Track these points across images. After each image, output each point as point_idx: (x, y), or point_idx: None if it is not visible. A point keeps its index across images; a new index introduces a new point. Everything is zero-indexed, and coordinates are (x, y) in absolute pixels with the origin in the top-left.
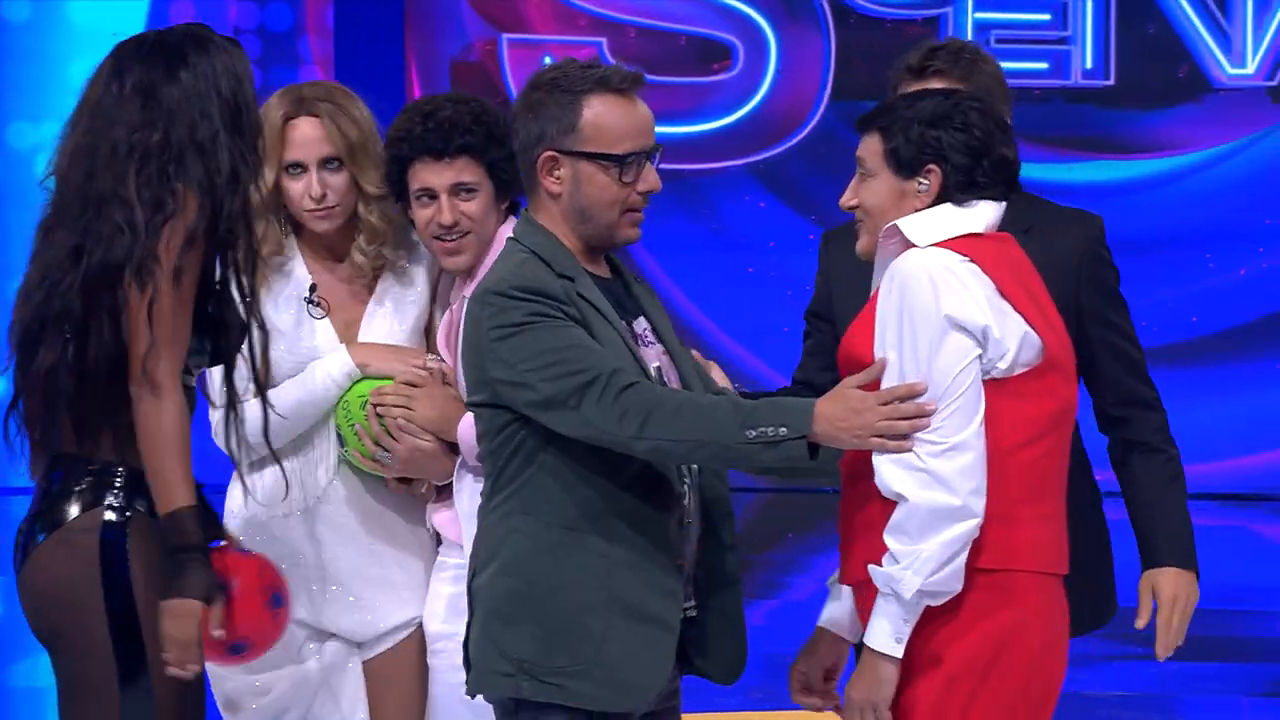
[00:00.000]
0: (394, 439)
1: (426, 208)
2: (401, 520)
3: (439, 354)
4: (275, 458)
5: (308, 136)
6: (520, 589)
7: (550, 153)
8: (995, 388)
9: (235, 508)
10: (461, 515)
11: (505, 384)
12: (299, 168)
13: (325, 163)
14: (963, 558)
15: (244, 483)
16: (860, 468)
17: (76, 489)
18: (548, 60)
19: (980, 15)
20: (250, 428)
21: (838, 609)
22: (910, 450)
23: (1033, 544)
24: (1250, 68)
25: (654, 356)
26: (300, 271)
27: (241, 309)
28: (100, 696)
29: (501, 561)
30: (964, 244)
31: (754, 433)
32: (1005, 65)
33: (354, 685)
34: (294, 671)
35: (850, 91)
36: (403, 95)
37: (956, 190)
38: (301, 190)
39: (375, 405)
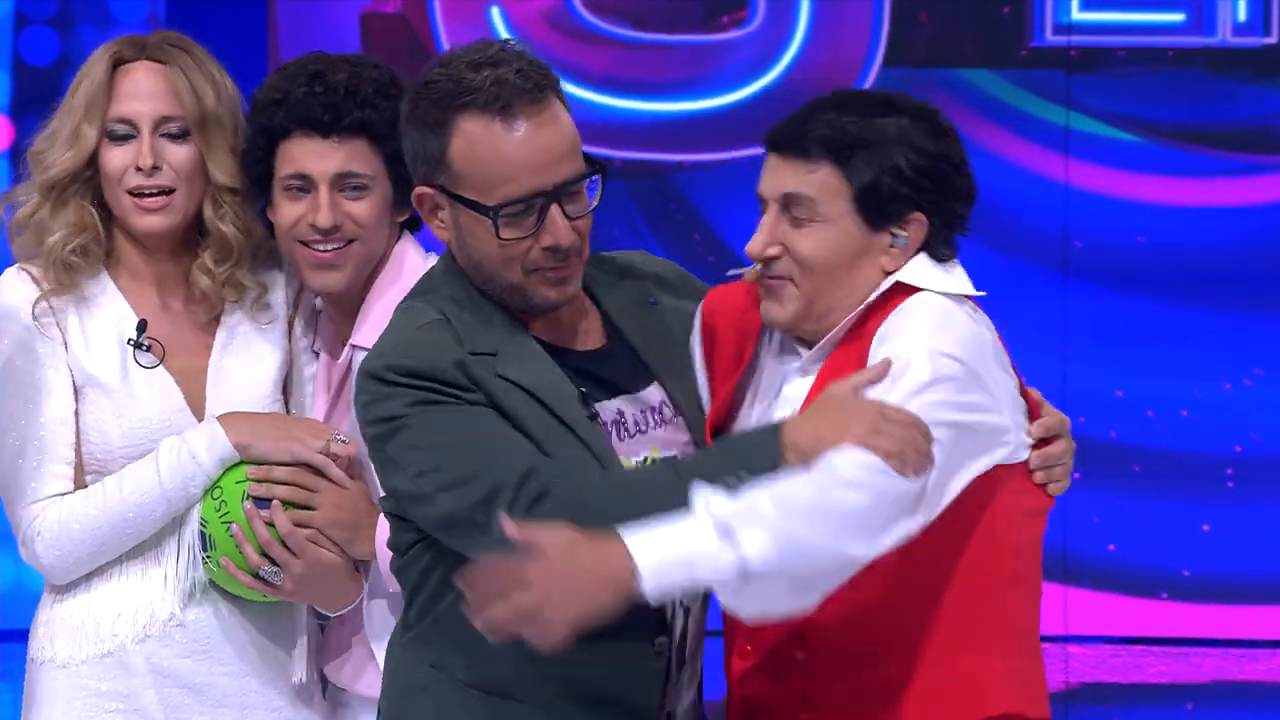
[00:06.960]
0: (289, 550)
1: (296, 202)
2: (276, 660)
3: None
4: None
5: (145, 88)
6: None
7: (424, 189)
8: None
9: (47, 642)
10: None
11: (405, 496)
12: (126, 128)
13: (164, 128)
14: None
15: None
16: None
17: None
18: (495, 13)
19: None
20: (69, 532)
21: None
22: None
23: None
24: None
25: (664, 442)
26: (118, 304)
27: None
28: None
29: None
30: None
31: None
32: (1125, 18)
33: None
34: None
35: (910, 57)
36: (262, 72)
37: (940, 245)
38: (127, 160)
39: (259, 499)
